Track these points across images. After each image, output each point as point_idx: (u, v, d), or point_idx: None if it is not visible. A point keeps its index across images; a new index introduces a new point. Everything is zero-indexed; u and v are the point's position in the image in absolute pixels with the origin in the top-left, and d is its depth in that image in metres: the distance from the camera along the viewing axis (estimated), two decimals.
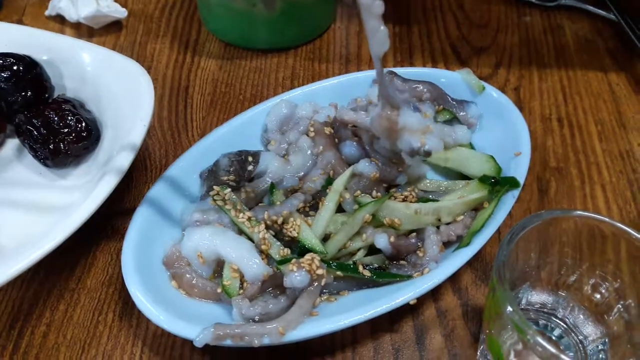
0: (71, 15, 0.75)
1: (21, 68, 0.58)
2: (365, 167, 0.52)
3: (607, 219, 0.44)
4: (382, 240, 0.50)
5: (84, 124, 0.56)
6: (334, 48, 0.75)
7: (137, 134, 0.53)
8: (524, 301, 0.49)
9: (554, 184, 0.60)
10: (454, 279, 0.53)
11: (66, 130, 0.56)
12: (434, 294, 0.52)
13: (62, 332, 0.50)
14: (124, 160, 0.51)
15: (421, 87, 0.61)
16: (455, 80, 0.63)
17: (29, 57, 0.59)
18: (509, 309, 0.40)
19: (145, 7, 0.80)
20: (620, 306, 0.46)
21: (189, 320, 0.46)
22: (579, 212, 0.45)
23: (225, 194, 0.51)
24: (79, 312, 0.51)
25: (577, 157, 0.63)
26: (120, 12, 0.75)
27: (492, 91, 0.62)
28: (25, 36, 0.63)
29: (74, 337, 0.49)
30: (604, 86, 0.70)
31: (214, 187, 0.52)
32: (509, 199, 0.53)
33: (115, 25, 0.77)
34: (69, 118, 0.56)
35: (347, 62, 0.73)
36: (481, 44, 0.76)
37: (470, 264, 0.53)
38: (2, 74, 0.57)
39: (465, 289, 0.52)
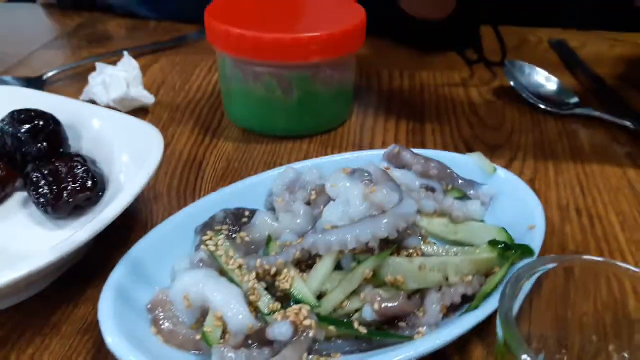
0: (102, 98, 0.80)
1: (41, 122, 0.60)
2: None
3: None
4: (367, 312, 0.46)
5: (90, 175, 0.57)
6: (347, 138, 0.77)
7: (136, 184, 0.52)
8: None
9: None
10: (463, 353, 0.47)
11: (71, 179, 0.56)
12: None
13: None
14: (112, 210, 0.50)
15: (429, 163, 0.60)
16: (465, 164, 0.63)
17: (50, 114, 0.62)
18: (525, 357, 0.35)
19: (173, 99, 0.85)
20: None
21: None
22: (605, 259, 0.41)
23: (219, 240, 0.49)
24: (46, 357, 0.46)
25: (599, 245, 0.59)
26: (148, 98, 0.80)
27: (502, 172, 0.61)
28: (50, 103, 0.66)
29: None
30: (623, 182, 0.68)
31: (208, 232, 0.50)
32: None
33: (141, 111, 0.81)
34: (77, 168, 0.57)
35: (359, 149, 0.74)
36: (495, 142, 0.76)
37: (481, 337, 0.48)
38: (23, 126, 0.59)
39: None
